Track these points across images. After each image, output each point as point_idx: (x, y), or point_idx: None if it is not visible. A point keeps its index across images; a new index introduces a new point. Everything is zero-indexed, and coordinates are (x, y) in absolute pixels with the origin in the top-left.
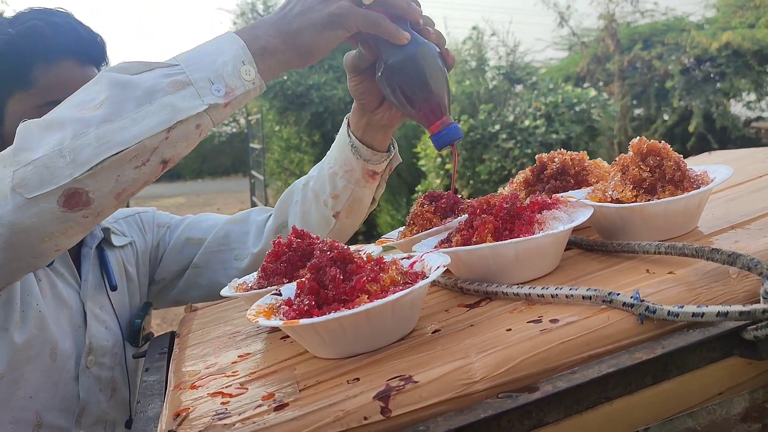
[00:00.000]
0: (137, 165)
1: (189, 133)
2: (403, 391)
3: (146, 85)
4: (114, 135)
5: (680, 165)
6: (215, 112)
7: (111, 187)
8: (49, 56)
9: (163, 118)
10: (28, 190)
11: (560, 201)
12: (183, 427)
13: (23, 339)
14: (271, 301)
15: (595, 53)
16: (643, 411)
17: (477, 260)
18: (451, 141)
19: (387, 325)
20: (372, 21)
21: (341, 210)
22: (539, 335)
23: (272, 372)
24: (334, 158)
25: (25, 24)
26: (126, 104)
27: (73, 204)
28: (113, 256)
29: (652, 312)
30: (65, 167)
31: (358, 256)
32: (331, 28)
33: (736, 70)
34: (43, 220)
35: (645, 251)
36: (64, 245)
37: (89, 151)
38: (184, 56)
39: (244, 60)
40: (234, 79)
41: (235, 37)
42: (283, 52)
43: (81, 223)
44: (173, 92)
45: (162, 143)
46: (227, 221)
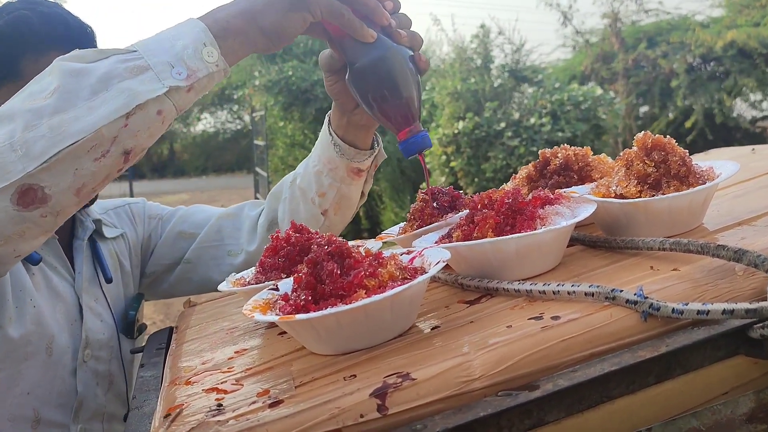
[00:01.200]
0: (96, 157)
1: (150, 119)
2: (401, 389)
3: (101, 71)
4: (68, 125)
5: (686, 160)
6: (177, 96)
7: (69, 181)
8: (38, 47)
9: (121, 103)
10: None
11: (563, 196)
12: (176, 424)
13: (19, 334)
14: (268, 296)
15: (600, 52)
16: (645, 410)
17: (477, 256)
18: (419, 150)
19: (385, 321)
20: (336, 10)
21: (329, 207)
22: (540, 332)
23: (268, 368)
24: (318, 156)
25: (13, 14)
26: (80, 92)
27: (28, 202)
28: (106, 248)
29: (656, 309)
30: (17, 161)
31: (357, 251)
32: (295, 9)
33: (740, 68)
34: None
35: (649, 248)
36: (24, 250)
37: (42, 143)
38: (142, 43)
39: (205, 42)
40: (195, 60)
41: (195, 21)
42: (247, 33)
43: (39, 224)
44: (131, 77)
45: (121, 131)
46: (220, 216)
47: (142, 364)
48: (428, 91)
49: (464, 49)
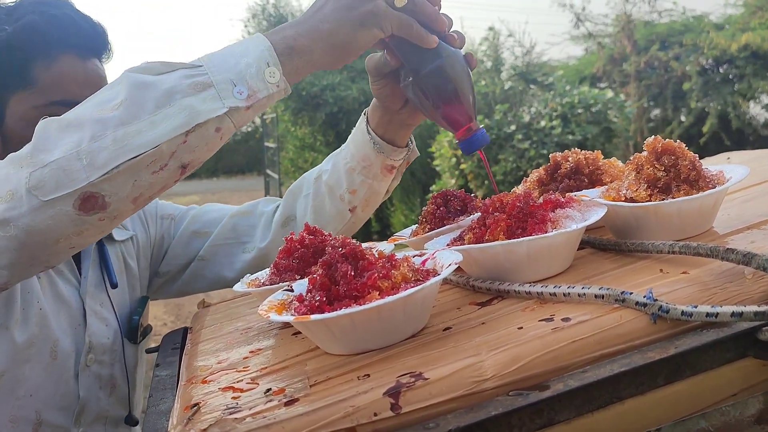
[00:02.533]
0: (155, 170)
1: (209, 136)
2: (414, 388)
3: (166, 86)
4: (131, 138)
5: (695, 164)
6: (237, 115)
7: (128, 191)
8: (49, 53)
9: (182, 120)
10: (44, 193)
11: (573, 200)
12: (194, 421)
13: (24, 338)
14: (283, 297)
15: (612, 54)
16: (655, 411)
17: (489, 258)
18: (479, 147)
19: (398, 321)
20: (405, 23)
21: (358, 204)
22: (551, 334)
23: (283, 367)
24: (351, 154)
25: (22, 20)
26: (144, 105)
27: (89, 207)
28: (113, 250)
29: (666, 311)
30: (82, 170)
31: (370, 253)
32: (367, 27)
33: (754, 71)
34: (59, 223)
35: (659, 251)
36: (80, 245)
37: (106, 154)
38: (208, 57)
39: (269, 61)
40: (257, 81)
41: (262, 38)
42: (313, 52)
43: (97, 226)
44: (193, 94)
45: (180, 147)
46: (234, 213)
47: (157, 363)
48: None
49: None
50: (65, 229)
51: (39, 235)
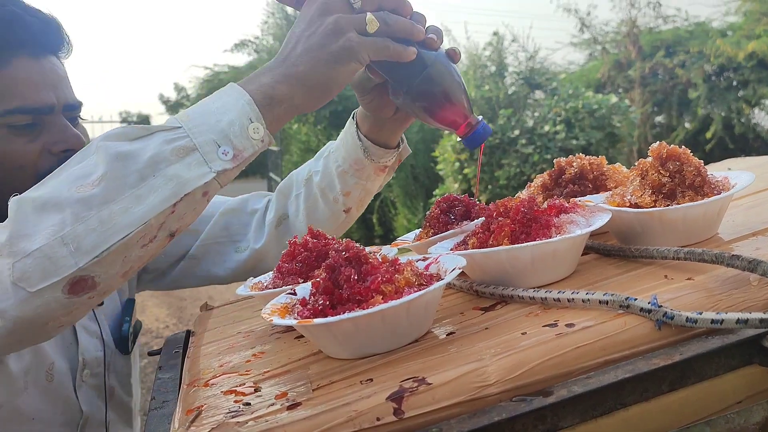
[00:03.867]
0: (144, 244)
1: (196, 202)
2: (417, 393)
3: (147, 155)
4: (118, 217)
5: (701, 170)
6: (224, 176)
7: (118, 268)
8: (0, 57)
9: (169, 192)
10: (30, 284)
11: (578, 205)
12: (196, 425)
13: (19, 366)
14: (286, 300)
15: (617, 60)
16: (659, 418)
17: (493, 263)
18: (482, 140)
19: (401, 326)
20: (381, 47)
21: (353, 205)
22: (555, 339)
23: (286, 371)
24: (342, 157)
25: None
26: (127, 179)
27: (78, 290)
28: None
29: (670, 318)
30: (69, 257)
31: (374, 257)
32: (343, 63)
33: (759, 78)
34: (48, 309)
35: (663, 257)
36: (68, 322)
37: (93, 237)
38: (186, 115)
39: (251, 117)
40: (242, 139)
41: (240, 91)
42: (293, 98)
43: (86, 304)
44: (177, 161)
45: (168, 218)
46: (224, 211)
47: (159, 366)
48: None
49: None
50: (54, 313)
51: (28, 323)
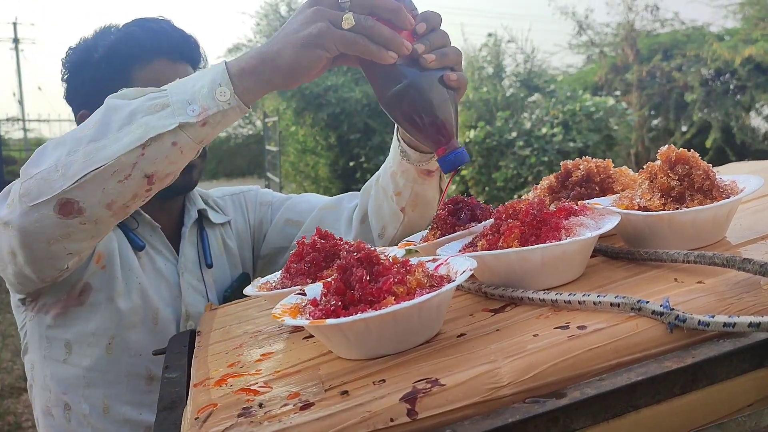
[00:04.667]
0: (120, 179)
1: (165, 149)
2: (430, 394)
3: (131, 108)
4: (97, 152)
5: (709, 174)
6: (191, 130)
7: (99, 197)
8: (144, 57)
9: (137, 135)
10: (29, 199)
11: (587, 208)
12: (208, 424)
13: (128, 307)
14: (296, 300)
15: (614, 63)
16: (671, 420)
17: (503, 265)
18: (454, 167)
19: (413, 327)
20: (350, 41)
21: (405, 205)
22: (567, 341)
23: (296, 372)
24: (392, 158)
25: (125, 31)
26: (112, 125)
27: (67, 212)
28: (213, 233)
29: (683, 321)
30: (57, 180)
31: (385, 258)
32: (309, 48)
33: (757, 83)
34: (44, 225)
35: (673, 260)
36: (75, 249)
37: (76, 166)
38: (174, 83)
39: (220, 82)
40: (208, 99)
41: (220, 64)
42: (263, 73)
43: (81, 230)
44: (152, 113)
45: (140, 159)
46: (322, 207)
47: (166, 365)
48: None
49: (475, 58)
50: (52, 231)
51: (31, 235)
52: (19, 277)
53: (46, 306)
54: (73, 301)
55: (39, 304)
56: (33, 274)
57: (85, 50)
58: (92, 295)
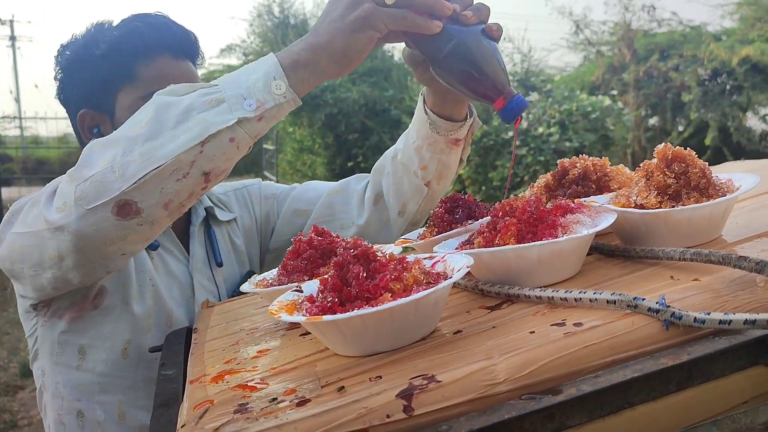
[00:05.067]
0: (178, 178)
1: (224, 146)
2: (426, 390)
3: (185, 104)
4: (154, 151)
5: (706, 172)
6: (248, 125)
7: (157, 198)
8: (148, 53)
9: (196, 133)
10: (86, 202)
11: (584, 206)
12: (205, 420)
13: (142, 310)
14: (293, 297)
15: (611, 62)
16: (666, 417)
17: (499, 262)
18: (517, 113)
19: (410, 324)
20: (398, 17)
21: (431, 179)
22: (563, 338)
23: (293, 368)
24: (416, 132)
25: (127, 26)
26: (167, 123)
27: (125, 213)
28: (220, 231)
29: (678, 318)
30: (115, 181)
31: (382, 255)
32: (361, 30)
33: (753, 84)
34: (102, 228)
35: (669, 257)
36: (130, 250)
37: (134, 167)
38: (224, 78)
39: (275, 76)
40: (264, 93)
41: (271, 57)
42: (316, 64)
43: (137, 231)
44: (208, 109)
45: (198, 157)
46: (329, 192)
47: (162, 362)
48: None
49: None
50: (109, 234)
51: (88, 239)
52: (57, 281)
53: (60, 311)
54: (88, 305)
55: (52, 309)
56: (77, 279)
57: (83, 47)
58: (107, 298)
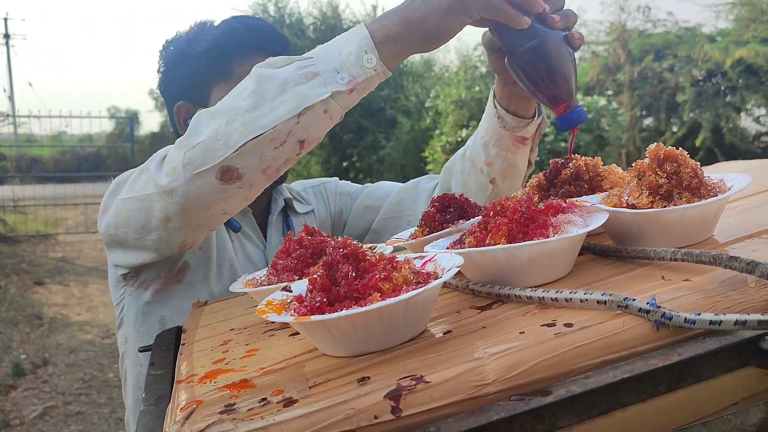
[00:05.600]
0: (276, 146)
1: (318, 117)
2: (415, 391)
3: (282, 77)
4: (255, 121)
5: (697, 172)
6: (341, 97)
7: (256, 164)
8: (244, 52)
9: (293, 105)
10: (194, 167)
11: (575, 205)
12: (191, 421)
13: (219, 289)
14: (282, 297)
15: (606, 63)
16: (656, 419)
17: (490, 262)
18: (575, 124)
19: (399, 324)
20: (492, 6)
21: (496, 176)
22: (553, 339)
23: (281, 369)
24: (485, 128)
25: (226, 27)
26: (266, 95)
27: (227, 177)
28: (297, 221)
29: (669, 318)
30: (219, 149)
31: (372, 254)
32: (455, 13)
33: (747, 84)
34: (207, 191)
35: (660, 258)
36: (230, 210)
37: (236, 135)
38: (318, 49)
39: (366, 50)
40: (356, 67)
41: (362, 29)
42: (407, 39)
43: (238, 193)
44: (303, 82)
45: (294, 127)
46: (399, 190)
47: (152, 362)
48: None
49: (469, 58)
50: (213, 196)
51: (194, 200)
52: (161, 243)
53: (147, 282)
54: (172, 278)
55: (140, 279)
56: (179, 239)
57: (186, 44)
58: (189, 274)
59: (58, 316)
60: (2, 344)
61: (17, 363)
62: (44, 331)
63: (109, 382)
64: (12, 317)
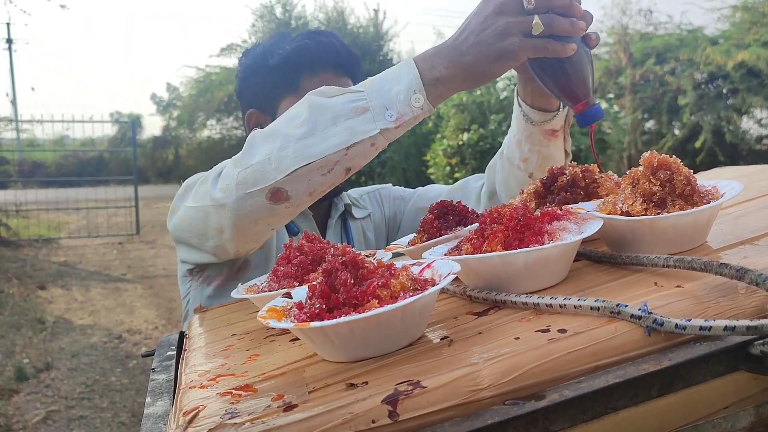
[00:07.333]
0: (324, 173)
1: (365, 149)
2: (411, 396)
3: (335, 109)
4: (306, 149)
5: (690, 180)
6: (388, 132)
7: (304, 187)
8: (313, 68)
9: (344, 139)
10: (246, 187)
11: (570, 212)
12: (192, 426)
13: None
14: (282, 303)
15: (608, 66)
16: (648, 423)
17: (486, 269)
18: (593, 121)
19: (396, 330)
20: (539, 47)
21: (534, 170)
22: (547, 344)
23: (281, 374)
24: (515, 126)
25: (299, 42)
26: (318, 125)
27: (277, 198)
28: (354, 225)
29: (660, 324)
30: (271, 172)
31: (369, 261)
32: (504, 61)
33: (749, 87)
34: (256, 209)
35: (653, 264)
36: (276, 225)
37: (288, 161)
38: (369, 83)
39: (415, 89)
40: (404, 106)
41: (412, 67)
42: (455, 80)
43: (285, 212)
44: (354, 116)
45: (343, 157)
46: (450, 191)
47: (154, 367)
48: None
49: None
50: (261, 213)
51: (244, 217)
52: (218, 250)
53: (210, 278)
54: (233, 275)
55: (204, 275)
56: (233, 249)
57: (261, 56)
58: (249, 271)
59: (61, 320)
60: (5, 348)
61: (20, 367)
62: (47, 336)
63: (111, 387)
64: (14, 321)
